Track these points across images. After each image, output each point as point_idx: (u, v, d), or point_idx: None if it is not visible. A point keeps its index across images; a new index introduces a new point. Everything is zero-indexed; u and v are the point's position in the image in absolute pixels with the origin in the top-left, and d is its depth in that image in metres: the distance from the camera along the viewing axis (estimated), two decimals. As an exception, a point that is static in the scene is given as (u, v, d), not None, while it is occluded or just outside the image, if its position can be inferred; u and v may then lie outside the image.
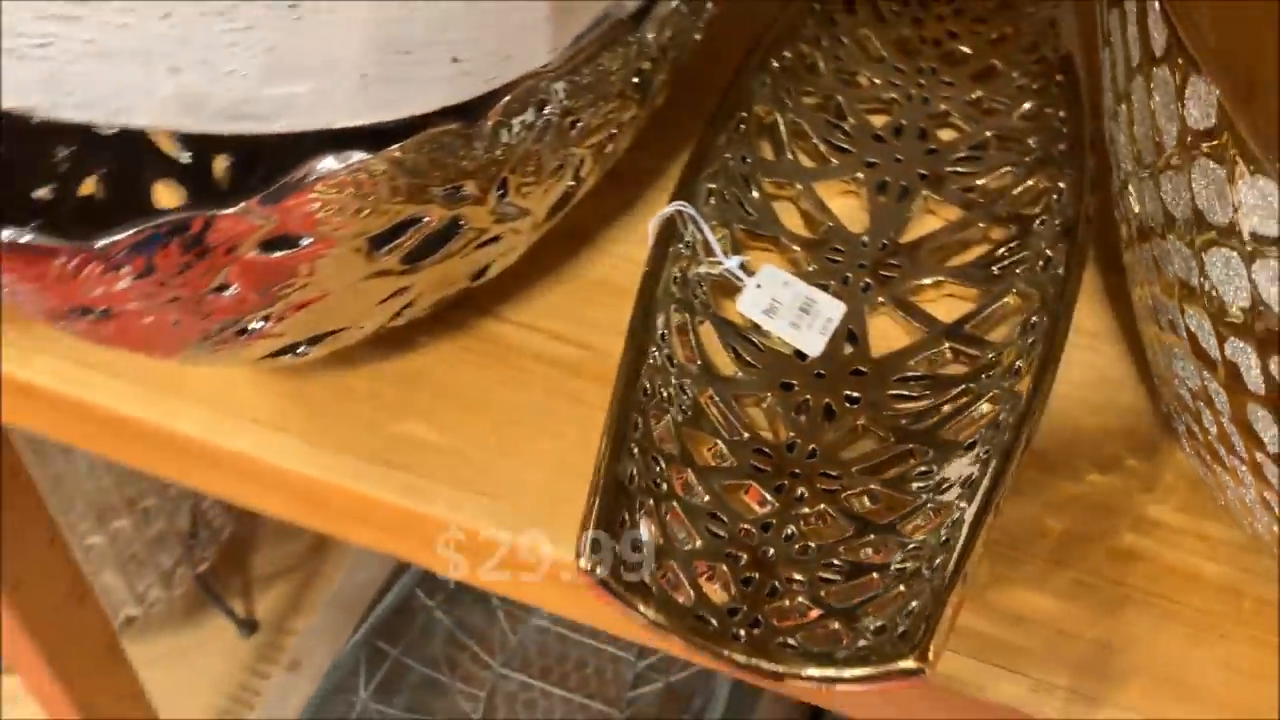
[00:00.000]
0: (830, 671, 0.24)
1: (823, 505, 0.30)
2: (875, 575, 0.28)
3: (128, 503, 0.64)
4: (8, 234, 0.22)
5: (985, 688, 0.29)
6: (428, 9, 0.24)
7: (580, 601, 0.31)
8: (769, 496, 0.30)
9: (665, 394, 0.31)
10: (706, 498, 0.29)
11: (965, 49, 0.45)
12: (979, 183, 0.40)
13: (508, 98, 0.27)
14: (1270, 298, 0.22)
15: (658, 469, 0.29)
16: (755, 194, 0.39)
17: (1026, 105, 0.42)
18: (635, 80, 0.33)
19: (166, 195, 0.33)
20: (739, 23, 0.41)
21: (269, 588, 0.83)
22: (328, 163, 0.24)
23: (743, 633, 0.26)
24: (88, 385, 0.34)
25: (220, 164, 0.33)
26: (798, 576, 0.28)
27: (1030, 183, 0.39)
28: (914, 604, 0.26)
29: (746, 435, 0.32)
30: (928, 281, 0.37)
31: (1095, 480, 0.33)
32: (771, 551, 0.29)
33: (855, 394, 0.34)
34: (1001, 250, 0.38)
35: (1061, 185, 0.38)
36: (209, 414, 0.34)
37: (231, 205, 0.24)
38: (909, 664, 0.24)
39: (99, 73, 0.23)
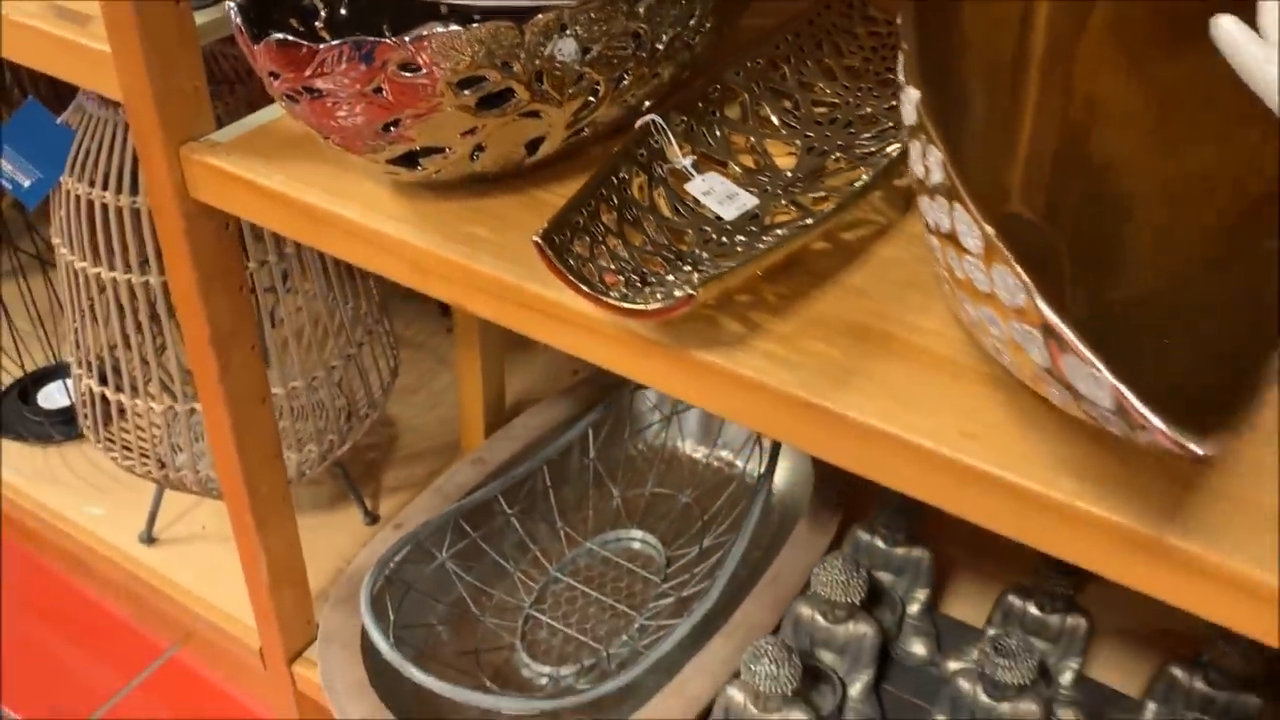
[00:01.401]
0: (639, 305, 0.44)
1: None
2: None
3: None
4: (276, 36, 0.46)
5: (737, 355, 0.47)
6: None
7: (554, 329, 0.52)
8: (669, 269, 0.51)
9: (615, 201, 0.53)
10: (625, 255, 0.50)
11: (895, 76, 0.66)
12: (873, 149, 0.61)
13: (543, 16, 0.50)
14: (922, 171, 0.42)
15: (598, 228, 0.50)
16: (718, 134, 0.61)
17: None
18: (636, 36, 0.55)
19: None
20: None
21: (392, 495, 1.05)
22: (438, 27, 0.47)
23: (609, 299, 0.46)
24: (300, 191, 0.59)
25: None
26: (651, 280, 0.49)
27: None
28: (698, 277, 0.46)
29: (665, 240, 0.53)
30: (816, 194, 0.58)
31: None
32: (651, 280, 0.49)
33: (742, 238, 0.54)
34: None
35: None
36: (364, 211, 0.57)
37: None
38: (688, 292, 0.44)
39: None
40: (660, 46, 0.58)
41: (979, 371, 0.48)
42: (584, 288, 0.45)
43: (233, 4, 0.49)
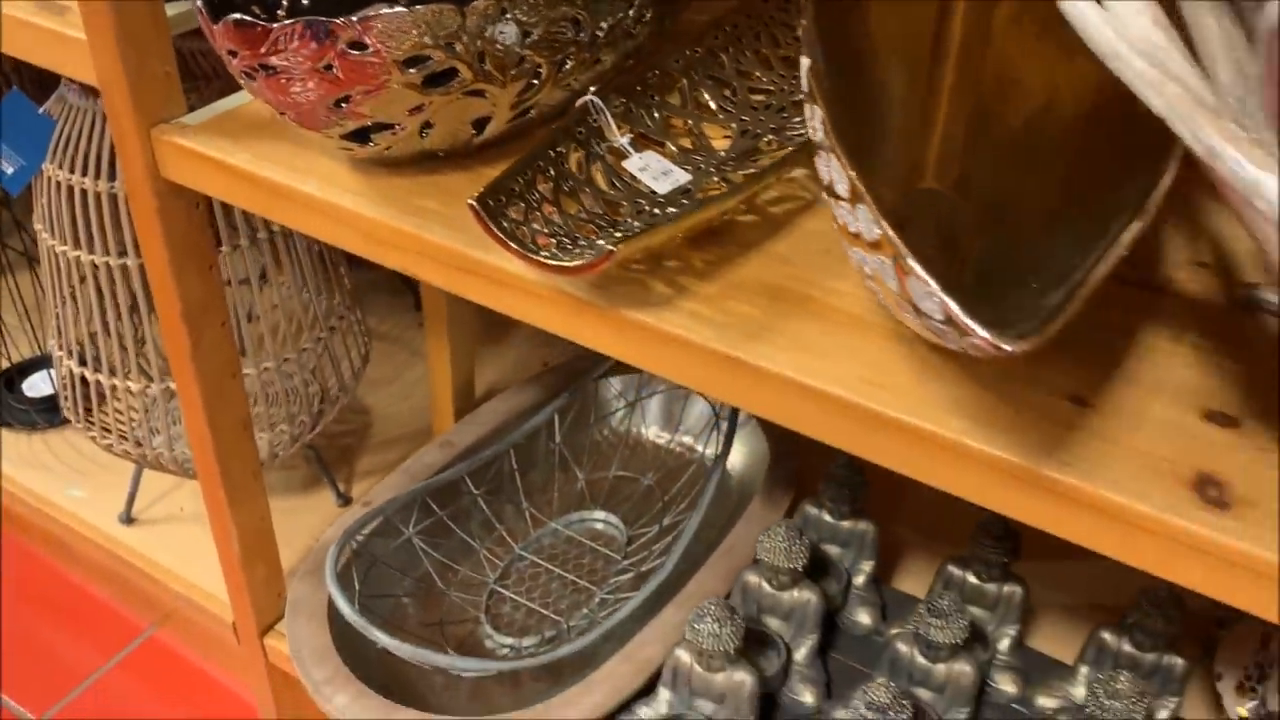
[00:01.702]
0: (563, 262, 0.48)
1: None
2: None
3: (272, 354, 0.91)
4: (233, 16, 0.50)
5: (663, 314, 0.51)
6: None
7: (496, 293, 0.56)
8: (600, 235, 0.55)
9: (552, 172, 0.56)
10: (560, 221, 0.54)
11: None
12: (803, 132, 0.65)
13: (483, 1, 0.54)
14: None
15: (534, 196, 0.54)
16: (656, 116, 0.65)
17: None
18: (575, 22, 0.59)
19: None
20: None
21: (365, 479, 1.09)
22: (385, 9, 0.51)
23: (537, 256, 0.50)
24: (262, 168, 0.62)
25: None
26: (582, 244, 0.52)
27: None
28: (620, 237, 0.50)
29: (600, 210, 0.57)
30: (746, 172, 0.62)
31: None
32: (582, 243, 0.53)
33: (674, 210, 0.58)
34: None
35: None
36: (322, 185, 0.61)
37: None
38: (608, 249, 0.47)
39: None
40: (601, 34, 0.62)
41: (884, 328, 0.52)
42: (514, 245, 0.49)
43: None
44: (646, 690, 0.80)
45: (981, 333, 0.36)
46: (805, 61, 0.43)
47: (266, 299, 0.90)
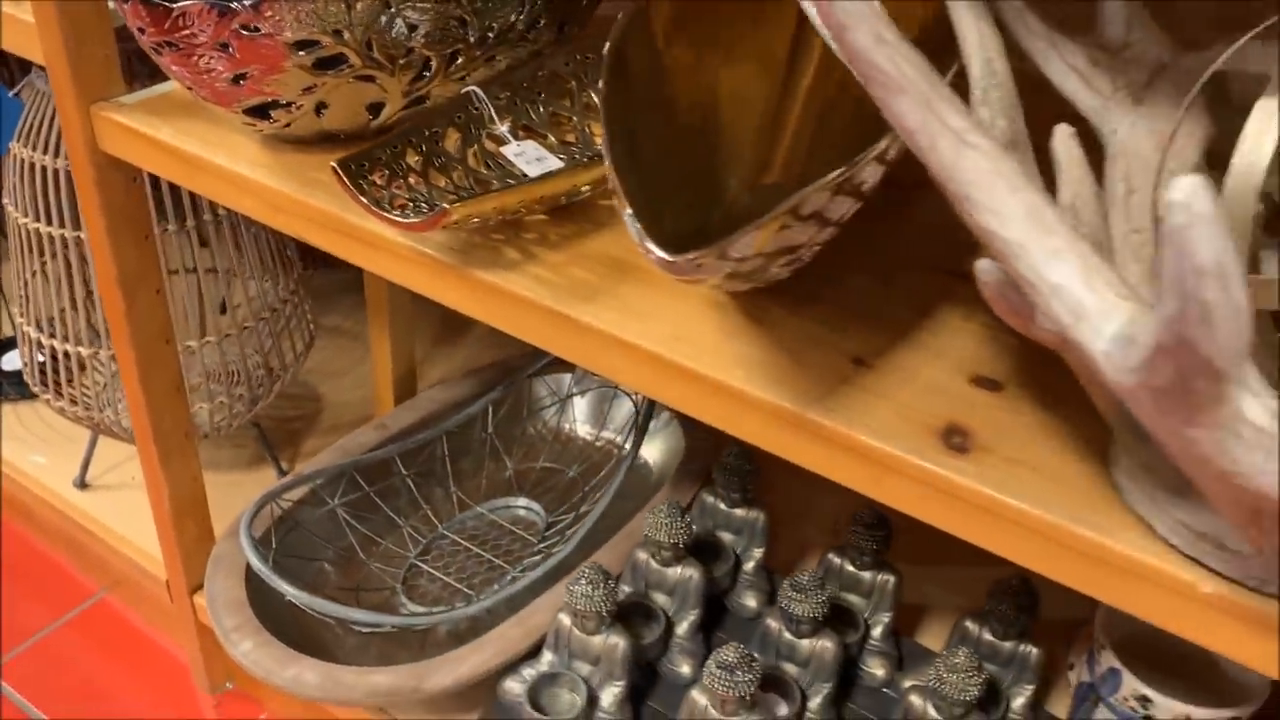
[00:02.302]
0: (404, 218, 0.55)
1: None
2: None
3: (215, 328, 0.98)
4: (145, -3, 0.58)
5: (510, 277, 0.57)
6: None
7: (368, 254, 0.62)
8: (458, 207, 0.61)
9: (424, 149, 0.63)
10: (424, 191, 0.61)
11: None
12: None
13: (368, -5, 0.61)
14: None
15: (400, 166, 0.61)
16: (541, 111, 0.71)
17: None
18: (463, 22, 0.66)
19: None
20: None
21: (307, 459, 1.15)
22: (274, -4, 0.58)
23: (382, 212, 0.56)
24: (183, 143, 0.69)
25: None
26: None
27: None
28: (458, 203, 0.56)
29: (469, 185, 0.63)
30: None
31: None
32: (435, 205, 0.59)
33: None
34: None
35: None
36: (231, 158, 0.68)
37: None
38: (444, 208, 0.54)
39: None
40: (491, 35, 0.69)
41: (703, 296, 0.58)
42: (363, 200, 0.55)
43: (115, -26, 0.60)
44: (534, 653, 0.85)
45: (650, 245, 0.42)
46: (600, 88, 0.50)
47: (219, 283, 0.97)
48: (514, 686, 0.83)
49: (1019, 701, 0.82)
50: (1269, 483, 0.29)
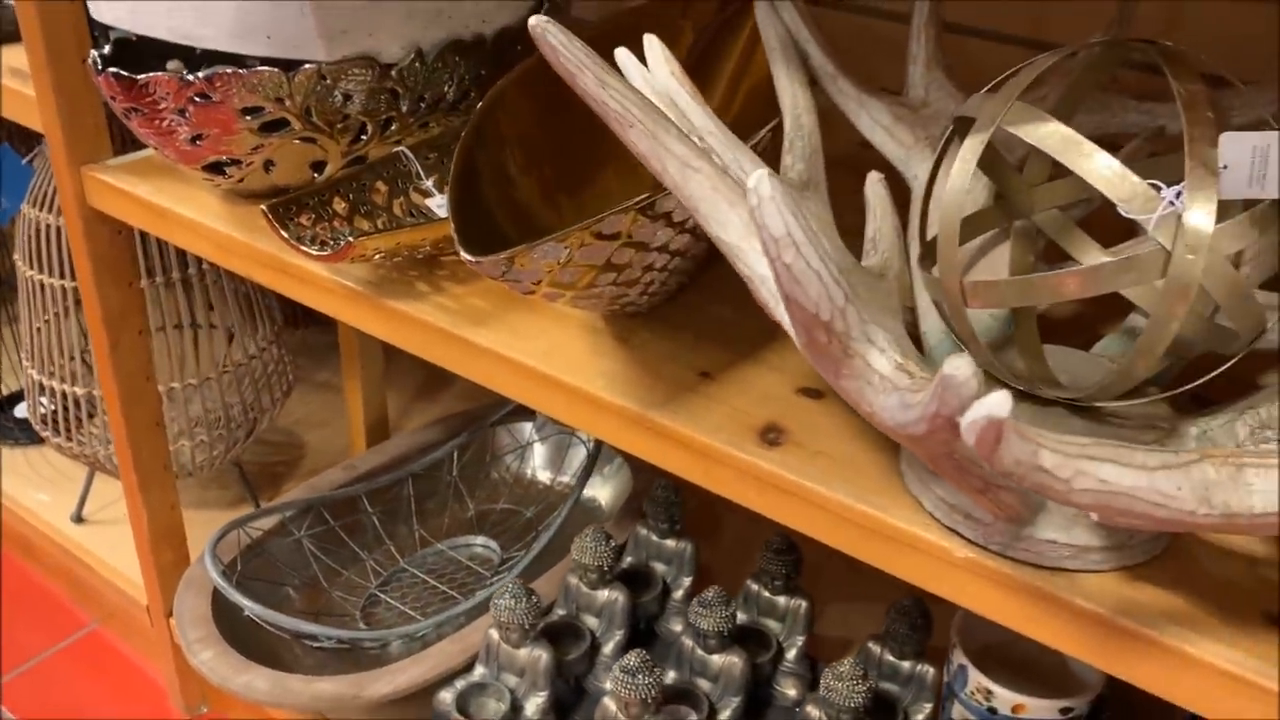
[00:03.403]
0: (315, 251, 0.64)
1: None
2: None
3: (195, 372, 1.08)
4: (112, 70, 0.68)
5: (417, 305, 0.67)
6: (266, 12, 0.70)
7: (297, 287, 0.72)
8: (361, 241, 0.71)
9: (352, 197, 0.73)
10: (346, 232, 0.70)
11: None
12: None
13: (306, 68, 0.71)
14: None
15: (327, 212, 0.71)
16: (465, 170, 0.81)
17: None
18: (394, 94, 0.77)
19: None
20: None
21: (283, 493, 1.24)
22: (228, 69, 0.69)
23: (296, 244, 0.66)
24: (156, 198, 0.80)
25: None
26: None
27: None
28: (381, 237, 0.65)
29: (394, 228, 0.73)
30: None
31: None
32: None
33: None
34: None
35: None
36: (195, 211, 0.78)
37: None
38: (349, 240, 0.63)
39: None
40: (423, 105, 0.79)
41: (581, 321, 0.67)
42: (285, 235, 0.65)
43: (94, 52, 0.71)
44: (469, 668, 0.92)
45: (460, 249, 0.51)
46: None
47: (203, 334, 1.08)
48: (446, 697, 0.90)
49: (919, 719, 0.88)
50: (896, 420, 0.37)
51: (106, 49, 0.72)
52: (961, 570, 0.51)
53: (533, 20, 0.42)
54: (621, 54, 0.52)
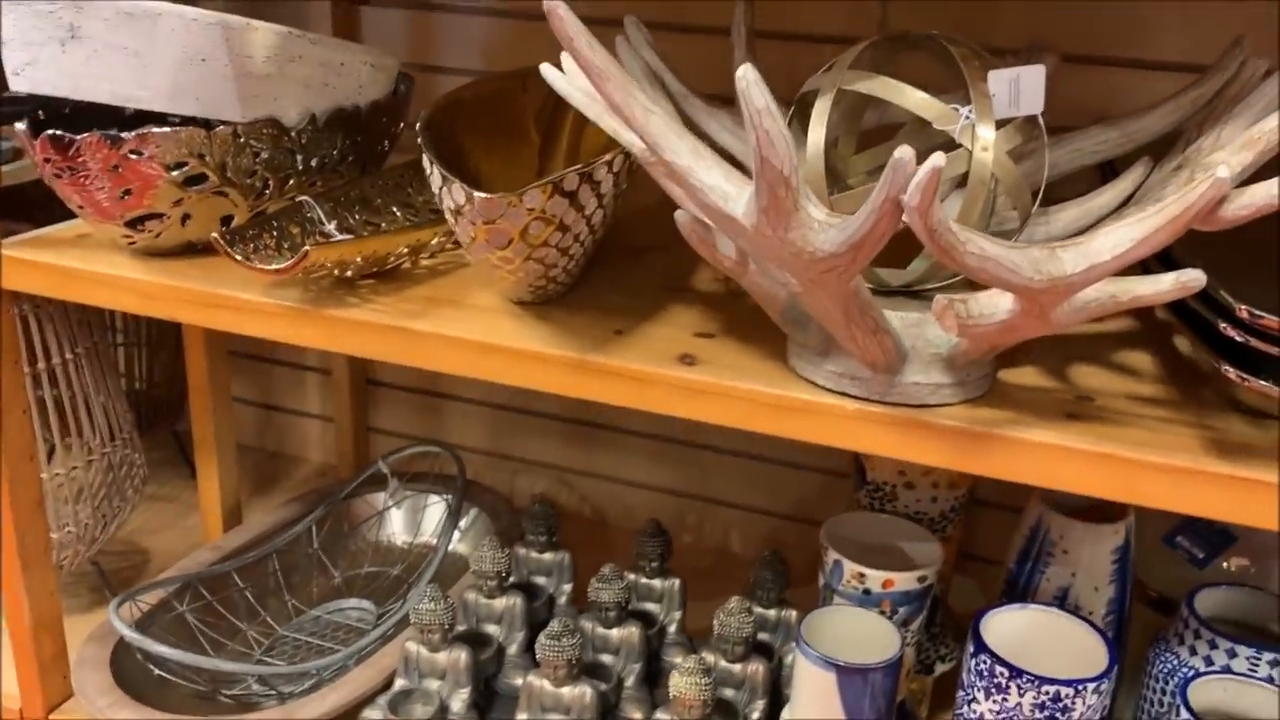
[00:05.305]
0: (276, 265, 0.74)
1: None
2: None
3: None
4: (49, 131, 0.76)
5: (352, 312, 0.77)
6: (194, 76, 0.80)
7: (235, 318, 0.80)
8: (314, 250, 0.81)
9: (276, 233, 0.83)
10: (286, 247, 0.80)
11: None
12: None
13: (224, 128, 0.82)
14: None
15: (262, 242, 0.80)
16: (358, 216, 0.93)
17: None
18: (291, 152, 0.88)
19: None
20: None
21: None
22: (156, 128, 0.78)
23: (248, 263, 0.76)
24: (64, 261, 0.86)
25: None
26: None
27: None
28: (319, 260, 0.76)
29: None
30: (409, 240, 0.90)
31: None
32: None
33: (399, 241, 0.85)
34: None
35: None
36: (109, 265, 0.85)
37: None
38: (305, 251, 0.74)
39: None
40: (314, 165, 0.91)
41: (505, 311, 0.80)
42: (237, 255, 0.75)
43: (20, 123, 0.79)
44: (388, 688, 0.98)
45: (464, 188, 0.64)
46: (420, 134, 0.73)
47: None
48: (373, 714, 0.95)
49: (789, 659, 1.02)
50: (837, 243, 0.53)
51: (40, 114, 0.79)
52: (854, 420, 0.67)
53: (547, 3, 0.55)
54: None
